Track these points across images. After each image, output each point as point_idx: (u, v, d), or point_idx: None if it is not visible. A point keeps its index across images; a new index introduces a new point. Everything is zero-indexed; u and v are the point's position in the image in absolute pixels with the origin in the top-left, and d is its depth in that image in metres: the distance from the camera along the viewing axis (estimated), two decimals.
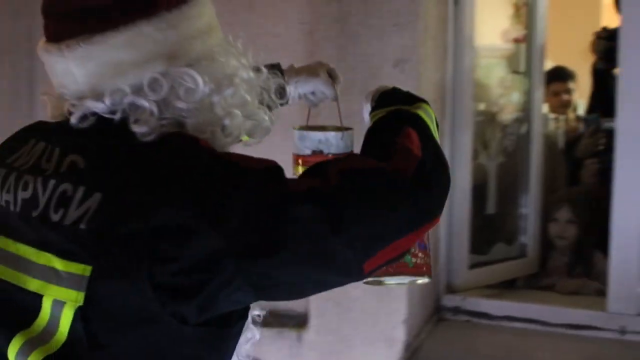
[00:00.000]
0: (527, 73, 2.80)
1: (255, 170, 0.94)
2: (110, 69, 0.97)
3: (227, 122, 1.01)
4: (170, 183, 0.92)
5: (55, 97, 1.04)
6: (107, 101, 0.97)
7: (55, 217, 0.94)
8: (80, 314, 0.92)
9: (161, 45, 0.98)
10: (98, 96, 0.98)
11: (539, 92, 2.81)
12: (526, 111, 2.82)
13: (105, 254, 0.91)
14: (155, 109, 0.96)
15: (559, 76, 3.81)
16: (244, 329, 1.03)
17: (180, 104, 0.97)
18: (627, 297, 2.17)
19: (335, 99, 1.39)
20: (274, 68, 1.29)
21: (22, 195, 0.99)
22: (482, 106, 2.86)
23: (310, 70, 1.42)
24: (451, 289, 2.35)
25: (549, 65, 4.95)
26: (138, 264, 0.90)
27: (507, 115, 2.83)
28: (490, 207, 2.71)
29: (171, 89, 0.97)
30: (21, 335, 0.95)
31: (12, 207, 1.00)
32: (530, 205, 2.72)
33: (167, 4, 0.98)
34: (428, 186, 1.01)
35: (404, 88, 1.25)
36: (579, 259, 2.71)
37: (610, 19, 3.84)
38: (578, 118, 3.83)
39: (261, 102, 1.10)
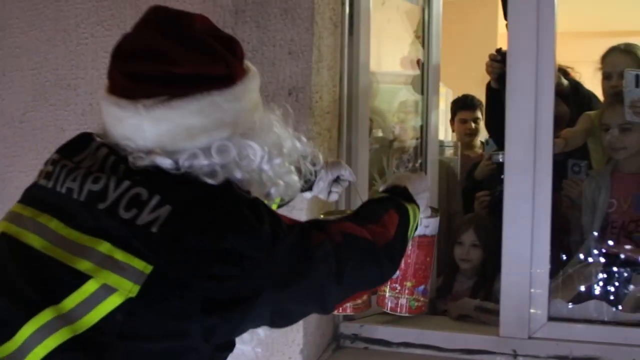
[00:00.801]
0: (423, 98, 2.86)
1: (293, 226, 1.16)
2: (182, 131, 1.09)
3: (272, 190, 1.20)
4: (237, 217, 1.07)
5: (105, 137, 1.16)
6: (179, 161, 1.10)
7: (126, 215, 1.05)
8: (128, 305, 1.01)
9: (227, 114, 1.11)
10: (167, 154, 1.10)
11: (435, 118, 2.86)
12: (423, 137, 2.88)
13: (169, 259, 1.03)
14: (219, 171, 1.11)
15: (466, 105, 3.97)
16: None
17: (237, 172, 1.13)
18: (518, 321, 2.22)
19: (355, 181, 1.80)
20: None
21: (90, 187, 1.09)
22: (379, 133, 2.90)
23: (333, 161, 1.77)
24: (349, 317, 2.35)
25: (450, 94, 5.10)
26: (196, 275, 1.03)
27: (405, 141, 2.88)
28: None
29: (234, 156, 1.12)
30: (50, 310, 1.02)
31: (74, 195, 1.10)
32: None
33: (238, 78, 1.13)
34: (390, 258, 1.34)
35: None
36: (483, 282, 2.78)
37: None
38: (482, 143, 3.96)
39: (298, 169, 1.28)
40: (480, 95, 3.85)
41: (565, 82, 3.00)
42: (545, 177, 2.20)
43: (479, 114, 3.92)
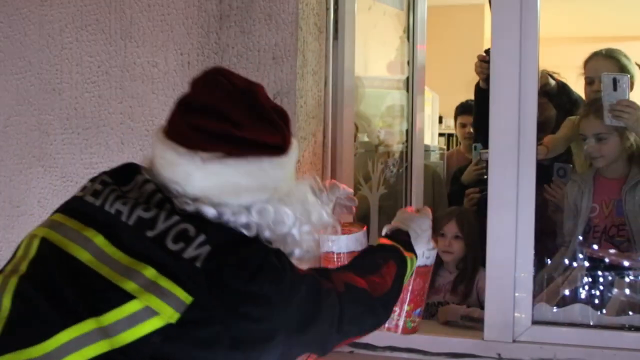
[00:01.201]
0: (408, 101, 2.87)
1: (306, 276, 1.27)
2: (229, 187, 1.18)
3: (296, 252, 1.29)
4: (266, 263, 1.18)
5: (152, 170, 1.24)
6: (223, 214, 1.19)
7: (174, 247, 1.13)
8: (166, 330, 1.09)
9: (271, 180, 1.21)
10: (212, 204, 1.18)
11: (420, 122, 2.88)
12: (408, 141, 2.89)
13: (208, 294, 1.11)
14: (254, 227, 1.20)
15: (465, 109, 4.02)
16: None
17: (267, 232, 1.22)
18: (502, 325, 2.23)
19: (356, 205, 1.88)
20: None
21: (140, 213, 1.17)
22: (365, 137, 2.91)
23: (330, 184, 1.82)
24: None
25: (437, 99, 5.11)
26: (228, 312, 1.12)
27: (390, 146, 2.89)
28: (373, 238, 2.74)
29: (272, 219, 1.22)
30: (92, 321, 1.08)
31: (123, 218, 1.17)
32: None
33: (288, 150, 1.23)
34: (385, 308, 1.48)
35: None
36: (464, 275, 2.77)
37: None
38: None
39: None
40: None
41: (552, 82, 3.01)
42: (528, 181, 2.21)
43: None
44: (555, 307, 2.36)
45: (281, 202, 1.24)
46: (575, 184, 2.72)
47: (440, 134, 5.23)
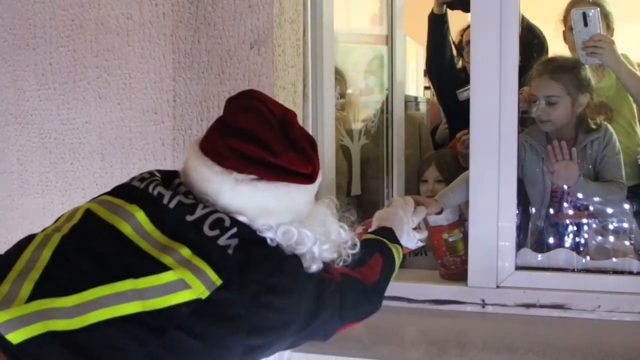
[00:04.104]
0: (389, 54, 2.84)
1: (314, 275, 1.36)
2: (257, 208, 1.27)
3: (313, 267, 1.37)
4: (285, 259, 1.30)
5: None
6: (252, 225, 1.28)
7: (210, 233, 1.22)
8: (195, 304, 1.15)
9: (294, 204, 1.31)
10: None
11: (401, 73, 2.85)
12: (389, 93, 2.86)
13: (235, 281, 1.19)
14: (276, 243, 1.30)
15: None
16: None
17: (286, 247, 1.31)
18: (486, 271, 2.24)
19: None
20: None
21: (181, 199, 1.26)
22: (350, 89, 2.88)
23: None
24: None
25: (420, 51, 5.05)
26: (251, 301, 1.20)
27: (372, 97, 2.86)
28: (356, 189, 2.74)
29: (294, 240, 1.31)
30: (130, 281, 1.14)
31: (165, 201, 1.26)
32: (394, 185, 2.76)
33: (316, 179, 1.33)
34: (378, 295, 1.59)
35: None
36: None
37: None
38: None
39: (338, 253, 1.45)
40: None
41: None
42: (511, 129, 2.20)
43: None
44: (539, 255, 2.38)
45: (302, 224, 1.34)
46: (534, 150, 2.62)
47: (426, 87, 5.19)
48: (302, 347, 1.68)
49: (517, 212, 2.26)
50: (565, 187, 2.53)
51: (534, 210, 2.67)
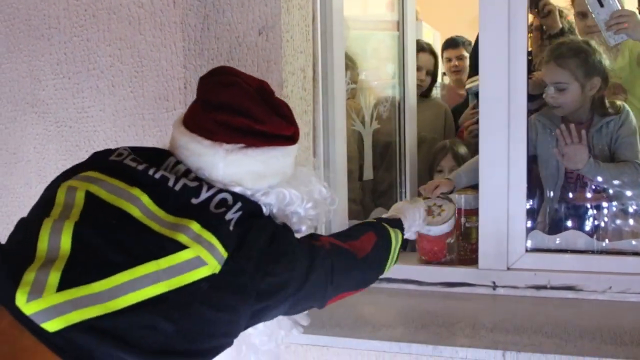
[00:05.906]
0: (400, 40, 2.85)
1: (304, 241, 1.46)
2: (249, 175, 1.35)
3: (303, 228, 1.47)
4: (279, 228, 1.37)
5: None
6: (246, 193, 1.35)
7: (216, 210, 1.28)
8: (211, 279, 1.22)
9: (281, 166, 1.39)
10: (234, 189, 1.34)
11: (412, 59, 2.85)
12: (401, 78, 2.87)
13: (239, 253, 1.26)
14: (269, 207, 1.38)
15: (451, 44, 4.09)
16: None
17: (276, 210, 1.39)
18: (497, 253, 2.25)
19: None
20: None
21: (186, 182, 1.31)
22: (362, 75, 2.89)
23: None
24: None
25: (438, 37, 5.06)
26: (256, 269, 1.28)
27: (384, 82, 2.87)
28: (368, 173, 2.75)
29: (287, 202, 1.39)
30: (152, 264, 1.19)
31: (170, 184, 1.31)
32: (407, 170, 2.77)
33: (296, 141, 1.40)
34: (371, 268, 1.65)
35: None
36: None
37: None
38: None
39: (321, 212, 1.51)
40: (472, 37, 3.86)
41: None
42: (520, 113, 2.20)
43: (463, 52, 3.97)
44: (549, 236, 2.38)
45: (290, 185, 1.42)
46: (547, 130, 2.64)
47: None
48: (312, 327, 1.71)
49: (528, 194, 2.27)
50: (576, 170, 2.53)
51: (547, 192, 2.67)
